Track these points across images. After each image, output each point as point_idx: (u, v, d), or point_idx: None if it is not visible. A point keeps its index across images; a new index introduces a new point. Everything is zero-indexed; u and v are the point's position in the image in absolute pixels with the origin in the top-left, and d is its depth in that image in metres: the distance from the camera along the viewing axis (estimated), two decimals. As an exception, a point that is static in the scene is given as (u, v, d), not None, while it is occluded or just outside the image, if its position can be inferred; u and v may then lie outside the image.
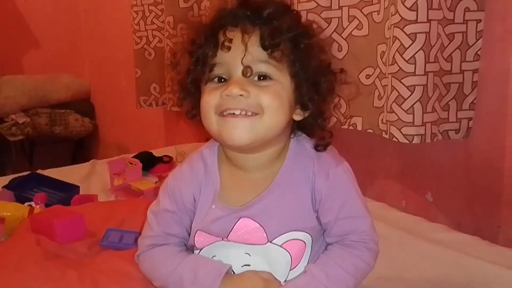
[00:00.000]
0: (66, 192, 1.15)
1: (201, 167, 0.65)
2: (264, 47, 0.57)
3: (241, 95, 0.56)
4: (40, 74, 2.51)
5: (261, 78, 0.58)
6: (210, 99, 0.58)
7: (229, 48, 0.57)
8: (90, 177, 1.36)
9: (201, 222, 0.64)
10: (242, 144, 0.58)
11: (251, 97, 0.56)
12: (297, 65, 0.59)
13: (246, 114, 0.57)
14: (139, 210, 0.91)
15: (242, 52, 0.57)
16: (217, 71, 0.59)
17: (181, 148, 1.50)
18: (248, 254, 0.61)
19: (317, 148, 0.63)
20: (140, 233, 0.71)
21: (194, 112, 0.63)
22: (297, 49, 0.58)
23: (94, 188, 1.26)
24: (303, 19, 0.64)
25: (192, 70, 0.60)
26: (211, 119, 0.59)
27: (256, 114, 0.57)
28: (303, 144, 0.64)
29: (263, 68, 0.57)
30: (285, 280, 0.62)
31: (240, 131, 0.57)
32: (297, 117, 0.62)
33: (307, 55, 0.59)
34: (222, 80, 0.59)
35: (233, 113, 0.57)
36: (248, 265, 0.61)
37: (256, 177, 0.63)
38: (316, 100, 0.61)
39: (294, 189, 0.61)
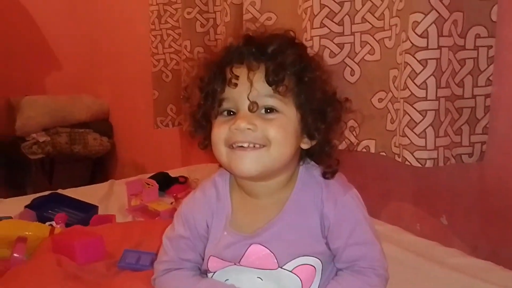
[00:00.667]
0: (85, 212, 1.18)
1: (214, 194, 0.68)
2: (268, 82, 0.60)
3: (248, 128, 0.59)
4: (61, 95, 2.60)
5: (268, 111, 0.61)
6: (220, 132, 0.62)
7: (235, 85, 0.61)
8: (108, 197, 1.39)
9: (213, 248, 0.66)
10: (250, 175, 0.62)
11: (258, 131, 0.60)
12: (302, 97, 0.62)
13: (254, 146, 0.60)
14: (155, 231, 0.93)
15: (248, 88, 0.60)
16: (226, 105, 0.62)
17: (196, 169, 1.53)
18: (260, 278, 0.63)
19: (324, 175, 0.65)
20: (156, 255, 0.73)
21: (206, 143, 0.66)
22: (302, 82, 0.62)
23: (112, 208, 1.29)
24: (309, 50, 0.66)
25: (203, 105, 0.64)
26: (221, 151, 0.62)
27: (263, 146, 0.60)
28: (311, 172, 0.66)
29: (269, 102, 0.61)
30: None
31: (248, 162, 0.60)
32: (305, 145, 0.65)
33: (312, 87, 0.62)
34: (231, 113, 0.62)
35: (242, 146, 0.60)
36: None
37: (266, 204, 0.65)
38: (322, 129, 0.63)
39: (303, 216, 0.63)
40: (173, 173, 1.51)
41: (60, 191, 1.37)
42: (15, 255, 0.95)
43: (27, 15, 2.57)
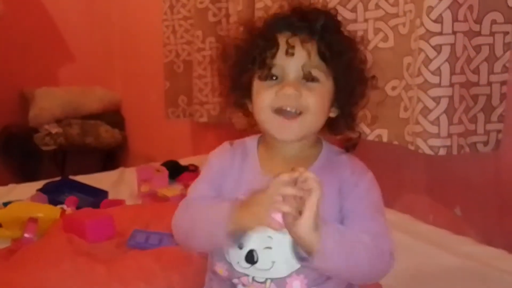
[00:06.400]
0: (95, 197, 1.19)
1: (239, 149, 0.70)
2: (323, 58, 0.64)
3: (295, 95, 0.63)
4: (74, 87, 2.62)
5: (310, 79, 0.65)
6: (266, 96, 0.65)
7: (292, 54, 0.64)
8: (119, 183, 1.40)
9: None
10: (291, 140, 0.66)
11: (302, 97, 0.63)
12: (341, 73, 0.66)
13: (295, 112, 0.64)
14: (164, 213, 0.93)
15: (301, 59, 0.64)
16: (274, 71, 0.65)
17: (206, 159, 1.53)
18: (270, 237, 0.63)
19: (345, 147, 0.69)
20: (166, 234, 0.73)
21: (242, 102, 0.69)
22: (343, 60, 0.65)
23: (122, 194, 1.30)
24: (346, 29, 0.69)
25: (247, 68, 0.66)
26: (265, 115, 0.65)
27: (302, 113, 0.64)
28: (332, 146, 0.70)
29: (314, 72, 0.65)
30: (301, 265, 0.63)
31: (288, 131, 0.64)
32: (332, 114, 0.69)
33: (351, 65, 0.66)
34: (273, 78, 0.65)
35: (286, 110, 0.64)
36: (270, 248, 0.63)
37: (292, 161, 0.66)
38: (352, 103, 0.68)
39: (328, 177, 0.65)
40: (183, 161, 1.52)
41: (71, 177, 1.38)
42: (26, 235, 0.96)
43: (41, 7, 2.60)
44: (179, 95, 1.88)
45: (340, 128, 0.69)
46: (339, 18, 0.69)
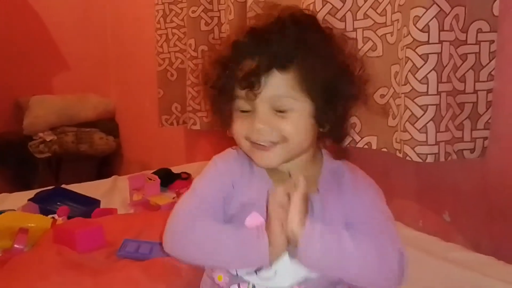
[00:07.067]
0: (87, 206, 1.19)
1: (247, 161, 0.68)
2: (290, 87, 0.61)
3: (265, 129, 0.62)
4: (69, 95, 2.62)
5: (280, 111, 0.62)
6: (241, 128, 0.64)
7: (253, 88, 0.61)
8: (111, 192, 1.40)
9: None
10: (272, 167, 0.65)
11: (274, 130, 0.62)
12: (317, 94, 0.62)
13: (272, 144, 0.63)
14: (156, 222, 0.94)
15: (268, 92, 0.61)
16: (241, 104, 0.64)
17: (199, 167, 1.54)
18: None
19: (337, 155, 0.68)
20: (157, 243, 0.73)
21: (226, 127, 0.68)
22: (317, 82, 0.62)
23: (114, 203, 1.30)
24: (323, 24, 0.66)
25: (223, 96, 0.65)
26: (242, 143, 0.66)
27: (278, 142, 0.63)
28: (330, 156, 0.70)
29: (285, 102, 0.62)
30: (304, 277, 0.63)
31: (268, 158, 0.64)
32: (323, 128, 0.66)
33: (329, 84, 0.62)
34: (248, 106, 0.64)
35: (260, 144, 0.63)
36: None
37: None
38: (336, 117, 0.65)
39: (333, 192, 0.66)
40: (176, 169, 1.52)
41: (64, 186, 1.39)
42: (16, 246, 0.96)
43: (35, 16, 2.61)
44: (172, 103, 1.89)
45: (335, 140, 0.68)
46: (317, 21, 0.65)
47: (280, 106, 0.62)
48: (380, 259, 0.60)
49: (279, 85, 0.61)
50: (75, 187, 1.36)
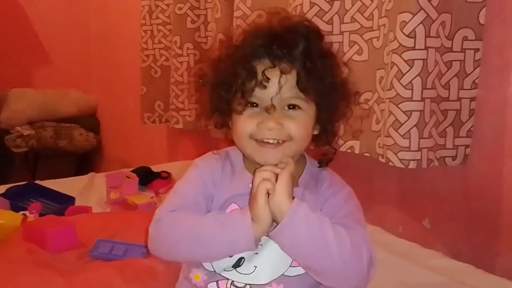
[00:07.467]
0: (61, 203, 1.15)
1: (229, 164, 0.70)
2: (301, 89, 0.64)
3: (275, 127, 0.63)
4: (49, 89, 2.56)
5: (291, 107, 0.65)
6: (247, 126, 0.65)
7: (265, 87, 0.63)
8: (88, 189, 1.36)
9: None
10: (269, 164, 0.65)
11: (283, 129, 0.64)
12: (323, 97, 0.65)
13: (278, 142, 0.64)
14: (132, 222, 0.91)
15: (277, 92, 0.63)
16: (255, 100, 0.65)
17: (180, 165, 1.51)
18: (260, 244, 0.63)
19: (320, 162, 0.69)
20: (131, 244, 0.71)
21: (222, 124, 0.69)
22: (325, 83, 0.65)
23: (90, 201, 1.26)
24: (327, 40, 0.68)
25: (227, 95, 0.66)
26: (245, 143, 0.66)
27: (285, 141, 0.65)
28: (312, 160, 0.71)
29: (295, 101, 0.65)
30: (283, 274, 0.64)
31: (270, 157, 0.64)
32: (315, 131, 0.69)
33: (332, 88, 0.66)
34: (254, 104, 0.65)
35: (268, 142, 0.64)
36: (257, 253, 0.63)
37: None
38: (333, 121, 0.69)
39: (311, 193, 0.66)
40: (156, 168, 1.49)
41: (38, 182, 1.34)
42: (-15, 243, 0.92)
43: (18, 8, 2.54)
44: (155, 101, 1.86)
45: (321, 143, 0.70)
46: (321, 35, 0.68)
47: (292, 104, 0.64)
48: (354, 254, 0.61)
49: (293, 87, 0.63)
50: (50, 183, 1.32)
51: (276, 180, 0.61)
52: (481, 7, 0.99)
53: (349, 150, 1.17)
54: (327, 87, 0.65)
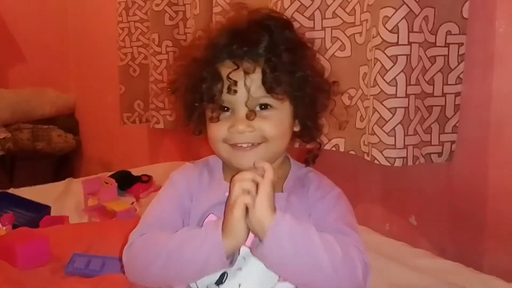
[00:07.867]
0: (36, 213, 1.10)
1: (206, 172, 0.68)
2: (266, 89, 0.61)
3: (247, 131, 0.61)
4: (24, 89, 2.48)
5: (263, 107, 0.62)
6: (219, 131, 0.62)
7: (235, 92, 0.60)
8: (65, 196, 1.31)
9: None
10: (247, 169, 0.62)
11: (255, 131, 0.61)
12: (296, 92, 0.63)
13: (252, 145, 0.62)
14: (109, 233, 0.87)
15: (245, 94, 0.60)
16: (225, 104, 0.62)
17: (161, 168, 1.47)
18: (243, 258, 0.60)
19: (306, 160, 0.67)
20: (109, 258, 0.68)
21: (199, 130, 0.67)
22: (296, 78, 0.62)
23: (67, 208, 1.21)
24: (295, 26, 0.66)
25: (196, 102, 0.63)
26: (220, 147, 0.64)
27: (261, 143, 0.62)
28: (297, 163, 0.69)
29: (265, 100, 0.62)
30: None
31: (248, 159, 0.61)
32: (296, 128, 0.67)
33: (305, 80, 0.63)
34: (225, 108, 0.63)
35: (241, 146, 0.62)
36: (240, 269, 0.60)
37: None
38: (312, 115, 0.66)
39: (298, 198, 0.64)
40: (136, 171, 1.44)
41: (11, 190, 1.28)
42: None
43: (-11, 4, 2.44)
44: (135, 100, 1.81)
45: (304, 140, 0.68)
46: (289, 25, 0.65)
47: (262, 104, 0.62)
48: (346, 263, 0.57)
49: (260, 86, 0.61)
50: (24, 191, 1.26)
51: (257, 191, 0.57)
52: (464, 0, 0.97)
53: (334, 148, 1.15)
54: (299, 81, 0.62)
